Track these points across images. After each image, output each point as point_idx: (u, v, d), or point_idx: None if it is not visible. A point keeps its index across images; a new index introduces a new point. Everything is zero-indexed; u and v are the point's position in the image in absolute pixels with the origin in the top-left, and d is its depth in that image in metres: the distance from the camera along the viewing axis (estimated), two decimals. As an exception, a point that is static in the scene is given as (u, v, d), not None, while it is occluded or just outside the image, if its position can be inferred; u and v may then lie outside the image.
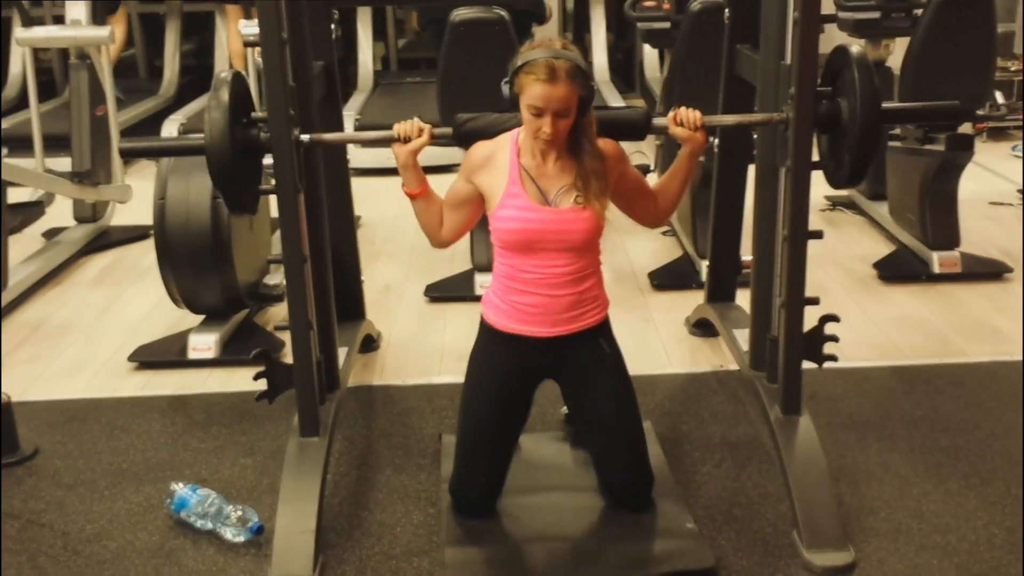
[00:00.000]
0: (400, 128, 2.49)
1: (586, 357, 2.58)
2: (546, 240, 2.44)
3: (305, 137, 2.57)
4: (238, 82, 2.51)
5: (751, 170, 3.18)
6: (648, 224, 2.71)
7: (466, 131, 2.60)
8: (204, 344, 3.65)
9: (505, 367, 2.59)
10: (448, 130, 2.61)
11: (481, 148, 2.53)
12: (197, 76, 8.15)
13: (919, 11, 4.79)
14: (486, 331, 2.62)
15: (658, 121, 2.58)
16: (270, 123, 2.49)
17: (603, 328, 2.61)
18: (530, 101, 2.32)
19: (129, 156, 2.75)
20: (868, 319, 3.88)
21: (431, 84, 4.83)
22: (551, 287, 2.47)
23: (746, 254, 3.37)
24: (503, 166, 2.46)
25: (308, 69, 2.80)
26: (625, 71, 8.60)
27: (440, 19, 4.19)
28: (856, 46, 2.55)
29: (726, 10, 3.30)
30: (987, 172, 5.82)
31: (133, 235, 5.09)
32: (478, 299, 4.10)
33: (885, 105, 2.51)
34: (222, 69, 7.07)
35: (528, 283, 2.48)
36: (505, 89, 2.39)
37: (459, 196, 2.55)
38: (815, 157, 2.58)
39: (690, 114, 2.49)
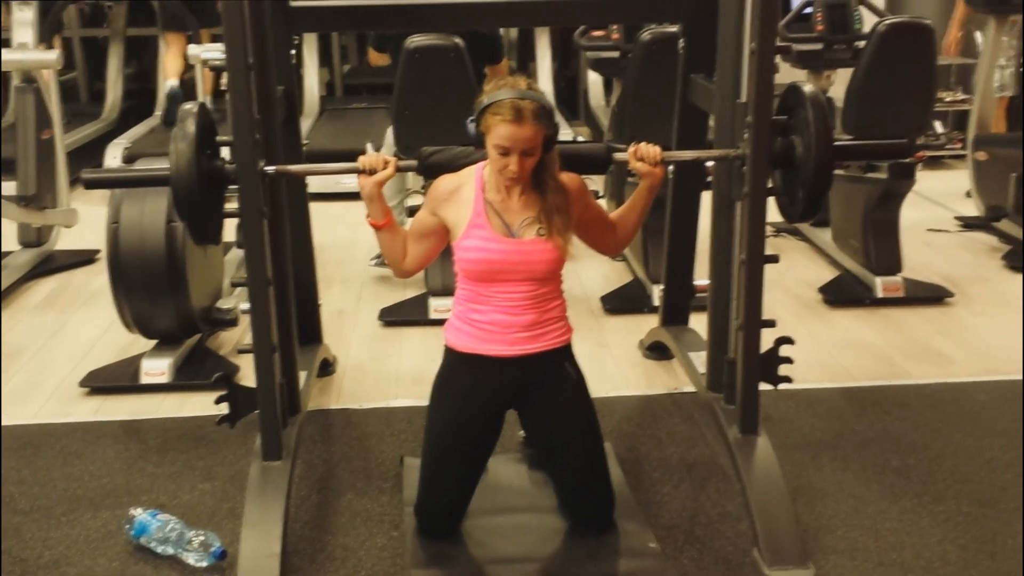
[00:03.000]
0: (365, 160, 2.51)
1: (551, 381, 2.60)
2: (509, 271, 2.48)
3: (270, 168, 2.58)
4: (203, 114, 2.51)
5: (705, 196, 3.24)
6: (607, 253, 2.79)
7: (431, 164, 2.63)
8: (157, 369, 3.61)
9: (468, 390, 2.60)
10: (412, 162, 2.64)
11: (446, 181, 2.56)
12: (140, 100, 8.08)
13: (860, 43, 4.94)
14: (449, 355, 2.64)
15: (619, 156, 2.64)
16: (236, 155, 2.50)
17: (566, 353, 2.65)
18: (497, 141, 2.36)
19: (93, 187, 2.72)
20: (816, 342, 3.97)
21: (377, 109, 4.86)
22: (512, 309, 2.51)
23: (700, 279, 3.44)
24: (468, 200, 2.50)
25: (272, 97, 2.81)
26: (569, 99, 8.70)
27: (397, 42, 4.22)
28: (809, 84, 2.64)
29: (680, 40, 3.36)
30: (924, 200, 5.99)
31: (79, 259, 5.03)
32: (433, 323, 4.16)
33: (838, 143, 2.60)
34: (167, 86, 7.07)
35: (490, 304, 2.51)
36: (471, 127, 2.42)
37: (423, 228, 2.59)
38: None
39: (650, 149, 2.56)
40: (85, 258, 5.02)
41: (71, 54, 8.59)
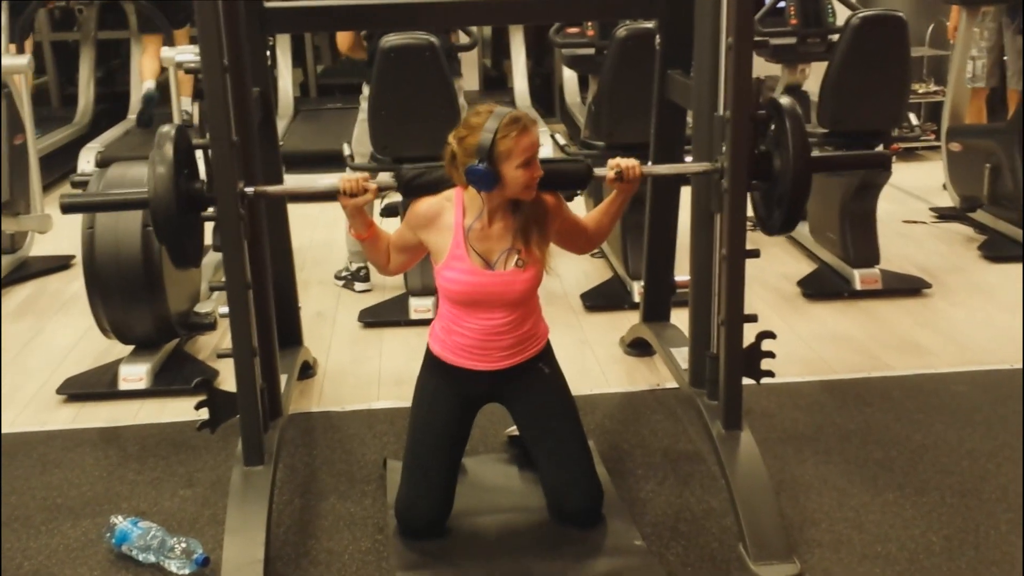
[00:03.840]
0: (344, 184, 2.51)
1: (526, 380, 2.67)
2: (487, 300, 2.56)
3: (249, 190, 2.57)
4: (181, 136, 2.49)
5: (684, 191, 3.25)
6: (579, 253, 2.86)
7: (412, 186, 2.63)
8: (135, 375, 3.57)
9: (450, 392, 2.66)
10: (391, 181, 2.63)
11: (426, 206, 2.58)
12: (112, 103, 8.01)
13: (834, 36, 4.96)
14: (431, 358, 2.69)
15: (599, 171, 2.63)
16: (215, 178, 2.48)
17: (542, 354, 2.70)
18: (522, 155, 2.39)
19: (72, 211, 2.70)
20: (796, 335, 3.98)
21: (351, 110, 4.83)
22: (490, 334, 2.59)
23: (680, 274, 3.44)
24: (448, 227, 2.54)
25: (248, 99, 2.78)
26: (544, 97, 8.69)
27: (371, 42, 4.19)
28: (786, 97, 2.65)
29: (656, 36, 3.36)
30: (900, 192, 6.02)
31: (54, 265, 4.97)
32: (413, 323, 4.15)
33: (815, 155, 2.61)
34: (144, 88, 7.02)
35: (469, 329, 2.59)
36: (482, 168, 2.39)
37: (404, 242, 2.65)
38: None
39: (631, 167, 2.57)
40: (60, 263, 4.97)
41: (42, 58, 8.50)
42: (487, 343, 2.59)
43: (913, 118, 6.91)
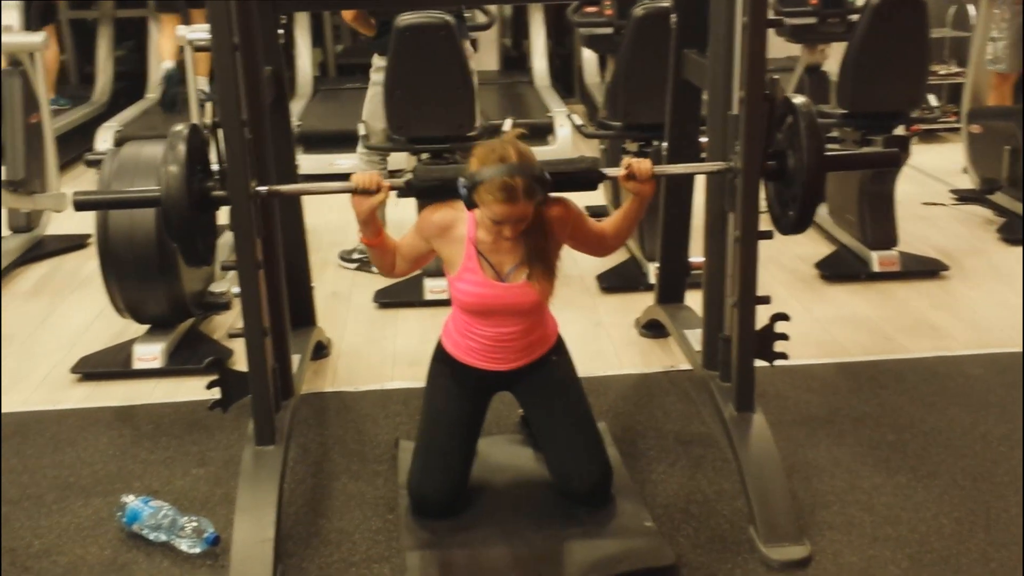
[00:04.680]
0: (358, 180, 2.49)
1: (536, 368, 2.69)
2: (498, 312, 2.58)
3: (262, 189, 2.56)
4: (194, 135, 2.49)
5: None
6: (600, 256, 2.87)
7: (424, 188, 2.61)
8: (150, 354, 3.59)
9: (459, 379, 2.68)
10: (402, 183, 2.61)
11: (439, 215, 2.57)
12: (130, 82, 8.02)
13: (854, 16, 4.90)
14: (443, 352, 2.71)
15: (609, 171, 2.61)
16: (228, 177, 2.48)
17: (553, 348, 2.72)
18: (491, 216, 2.40)
19: (85, 209, 2.70)
20: (812, 318, 3.95)
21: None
22: (502, 342, 2.61)
23: (695, 256, 3.42)
24: (460, 239, 2.55)
25: (260, 77, 2.77)
26: (564, 76, 8.65)
27: (387, 20, 4.18)
28: (800, 96, 2.61)
29: (672, 15, 3.33)
30: (919, 173, 5.96)
31: (69, 244, 4.99)
32: (428, 304, 4.14)
33: (829, 153, 2.58)
34: (162, 68, 7.03)
35: (483, 336, 2.61)
36: (464, 192, 2.41)
37: (414, 251, 2.65)
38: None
39: (642, 166, 2.54)
40: (76, 243, 4.99)
41: (60, 37, 8.51)
42: (499, 348, 2.62)
43: (933, 99, 6.84)
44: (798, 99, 2.58)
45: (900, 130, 4.43)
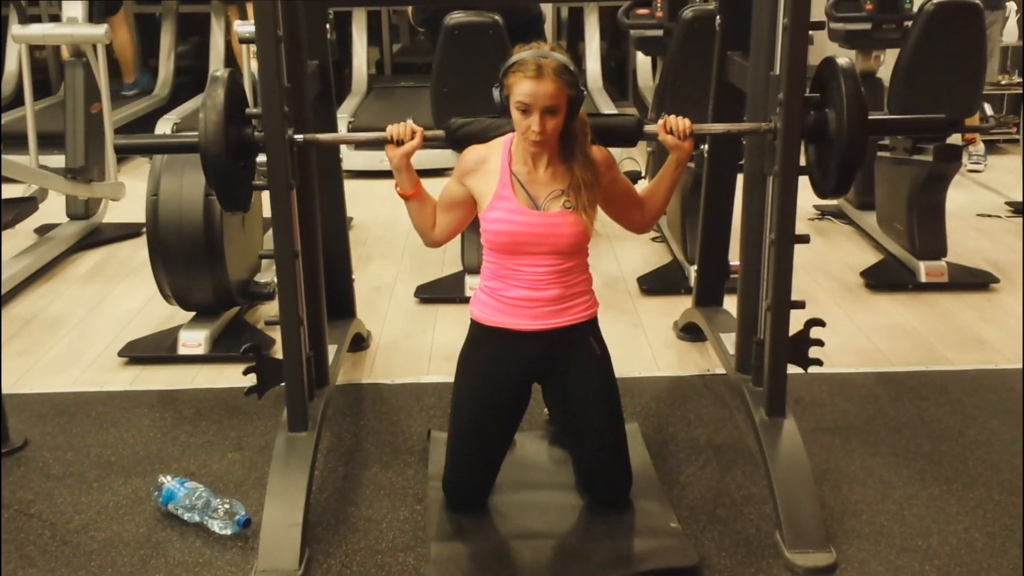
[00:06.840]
0: (393, 130, 2.51)
1: (575, 355, 2.60)
2: (533, 243, 2.48)
3: (299, 136, 2.60)
4: (232, 81, 2.53)
5: (740, 176, 3.21)
6: (634, 229, 2.73)
7: (460, 135, 2.63)
8: (194, 340, 3.66)
9: (493, 363, 2.61)
10: (440, 132, 2.64)
11: (474, 152, 2.56)
12: (191, 77, 8.17)
13: (910, 23, 4.84)
14: (475, 328, 2.66)
15: (649, 128, 2.61)
16: (264, 122, 2.51)
17: (592, 327, 2.64)
18: (518, 98, 2.35)
19: (123, 152, 2.77)
20: (855, 326, 3.91)
21: (425, 88, 4.85)
22: (536, 283, 2.52)
23: (734, 259, 3.40)
24: (495, 171, 2.51)
25: (303, 68, 2.83)
26: (618, 79, 8.64)
27: (436, 19, 4.21)
28: (844, 57, 2.58)
29: (717, 17, 3.32)
30: (975, 184, 5.87)
31: (125, 232, 5.10)
32: (468, 300, 4.14)
33: (872, 116, 2.55)
34: (217, 68, 7.13)
35: (514, 278, 2.52)
36: (496, 94, 2.42)
37: (451, 198, 2.60)
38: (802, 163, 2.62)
39: (679, 122, 2.52)
40: (131, 231, 5.09)
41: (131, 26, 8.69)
42: (533, 295, 2.51)
43: (989, 109, 6.72)
44: (841, 60, 2.54)
45: (955, 139, 4.37)
